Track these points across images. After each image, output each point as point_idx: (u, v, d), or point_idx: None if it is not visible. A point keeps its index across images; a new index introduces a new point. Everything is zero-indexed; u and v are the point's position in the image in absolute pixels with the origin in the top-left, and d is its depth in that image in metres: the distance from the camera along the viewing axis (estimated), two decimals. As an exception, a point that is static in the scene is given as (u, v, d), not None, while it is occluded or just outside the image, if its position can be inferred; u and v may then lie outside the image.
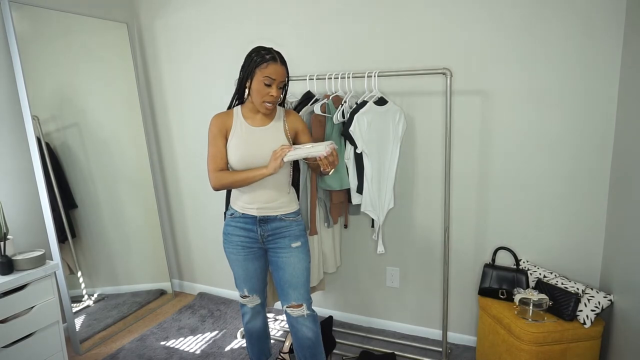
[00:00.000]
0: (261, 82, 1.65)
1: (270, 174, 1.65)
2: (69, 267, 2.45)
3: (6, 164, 2.25)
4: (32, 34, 2.28)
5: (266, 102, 1.68)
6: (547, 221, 2.10)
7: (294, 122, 1.81)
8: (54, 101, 2.39)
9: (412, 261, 2.43)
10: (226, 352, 2.40)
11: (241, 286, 1.92)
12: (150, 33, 2.84)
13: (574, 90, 1.94)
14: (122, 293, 2.76)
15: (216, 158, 1.74)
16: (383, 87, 2.25)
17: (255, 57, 1.66)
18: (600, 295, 1.86)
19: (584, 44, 1.88)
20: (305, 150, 1.62)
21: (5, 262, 1.89)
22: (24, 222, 2.33)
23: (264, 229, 1.80)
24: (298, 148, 1.65)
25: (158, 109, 2.95)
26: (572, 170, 2.01)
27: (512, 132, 2.08)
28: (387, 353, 2.24)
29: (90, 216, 2.57)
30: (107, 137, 2.66)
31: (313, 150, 1.61)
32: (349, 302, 2.66)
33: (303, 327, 1.84)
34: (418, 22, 2.15)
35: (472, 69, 2.09)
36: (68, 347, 2.45)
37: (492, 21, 2.02)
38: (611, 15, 1.82)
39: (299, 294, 1.82)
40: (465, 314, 2.36)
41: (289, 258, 1.80)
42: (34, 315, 1.95)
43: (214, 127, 1.76)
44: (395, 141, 2.08)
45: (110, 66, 2.69)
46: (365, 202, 2.05)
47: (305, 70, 2.42)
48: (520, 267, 2.11)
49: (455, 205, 2.27)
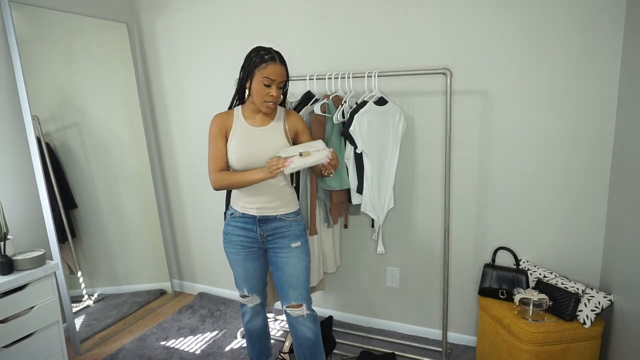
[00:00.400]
0: (261, 83, 1.65)
1: (266, 178, 1.65)
2: (69, 267, 2.45)
3: (6, 164, 2.25)
4: (32, 34, 2.29)
5: (267, 102, 1.68)
6: (547, 221, 2.10)
7: (294, 122, 1.81)
8: (54, 101, 2.39)
9: (412, 261, 2.43)
10: (226, 352, 2.40)
11: (241, 286, 1.92)
12: (150, 33, 2.84)
13: (574, 90, 1.94)
14: (122, 293, 2.76)
15: (216, 158, 1.75)
16: (383, 87, 2.25)
17: (255, 58, 1.66)
18: (600, 295, 1.86)
19: (584, 44, 1.88)
20: (304, 161, 1.60)
21: (5, 262, 1.89)
22: (24, 222, 2.33)
23: (264, 228, 1.80)
24: (294, 156, 1.61)
25: (158, 109, 2.95)
26: (572, 170, 2.01)
27: (512, 132, 2.08)
28: (387, 353, 2.24)
29: (90, 216, 2.57)
30: (107, 137, 2.66)
31: (313, 159, 1.60)
32: (349, 302, 2.66)
33: (303, 327, 1.84)
34: (418, 22, 2.15)
35: (472, 69, 2.09)
36: (68, 347, 2.45)
37: (492, 21, 2.02)
38: (611, 15, 1.82)
39: (299, 294, 1.82)
40: (465, 314, 2.36)
41: (289, 258, 1.80)
42: (34, 315, 1.95)
43: (214, 127, 1.76)
44: (395, 141, 2.08)
45: (110, 66, 2.69)
46: (365, 202, 2.05)
47: (305, 70, 2.42)
48: (520, 267, 2.11)
49: (455, 205, 2.27)
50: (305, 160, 1.60)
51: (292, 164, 1.59)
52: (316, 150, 1.64)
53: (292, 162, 1.59)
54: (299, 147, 1.66)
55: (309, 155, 1.62)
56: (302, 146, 1.67)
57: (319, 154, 1.62)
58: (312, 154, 1.62)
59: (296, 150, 1.64)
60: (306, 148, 1.65)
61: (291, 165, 1.59)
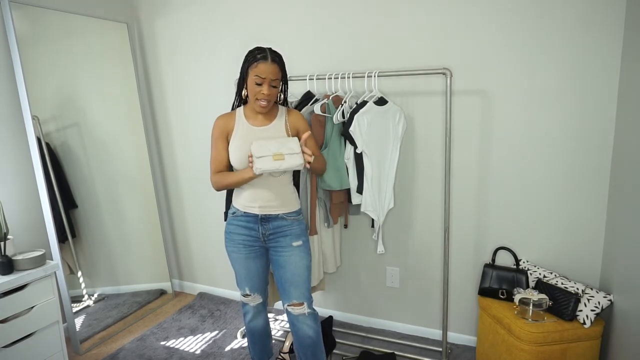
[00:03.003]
0: (253, 82, 1.67)
1: (254, 177, 1.66)
2: (69, 267, 2.45)
3: (6, 164, 2.25)
4: (32, 34, 2.29)
5: (259, 99, 1.69)
6: (547, 221, 2.10)
7: (295, 121, 1.82)
8: (54, 101, 2.39)
9: (412, 261, 2.43)
10: (226, 352, 2.40)
11: (242, 285, 1.93)
12: (150, 33, 2.84)
13: (574, 89, 1.94)
14: (122, 293, 2.76)
15: (216, 161, 1.79)
16: (383, 87, 2.26)
17: (249, 57, 1.69)
18: (600, 295, 1.86)
19: (584, 44, 1.89)
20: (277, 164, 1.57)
21: (5, 262, 1.89)
22: (24, 222, 2.33)
23: (266, 227, 1.80)
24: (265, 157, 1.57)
25: (158, 109, 2.95)
26: (572, 169, 2.01)
27: (512, 132, 2.08)
28: (387, 353, 2.24)
29: (90, 216, 2.57)
30: (107, 137, 2.66)
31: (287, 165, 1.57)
32: (349, 302, 2.66)
33: (304, 326, 1.85)
34: (418, 22, 2.15)
35: (472, 69, 2.09)
36: (68, 347, 2.45)
37: (492, 21, 2.02)
38: (611, 15, 1.82)
39: (300, 293, 1.83)
40: (465, 314, 2.36)
41: (290, 257, 1.81)
42: (34, 315, 1.95)
43: (215, 130, 1.79)
44: (395, 141, 2.09)
45: (110, 66, 2.69)
46: (365, 202, 2.05)
47: (305, 70, 2.42)
48: (520, 267, 2.11)
49: (455, 205, 2.27)
50: (278, 164, 1.58)
51: (262, 166, 1.57)
52: (290, 153, 1.60)
53: (261, 164, 1.57)
54: (272, 145, 1.62)
55: (281, 159, 1.58)
56: (277, 144, 1.62)
57: (293, 160, 1.59)
58: (285, 158, 1.59)
59: (270, 150, 1.60)
60: (280, 147, 1.61)
61: (262, 168, 1.57)
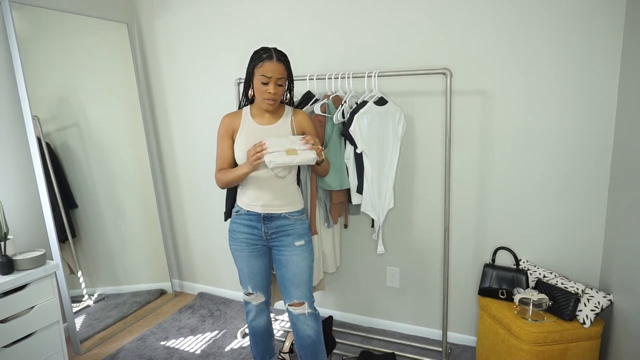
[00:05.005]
0: (259, 81, 1.69)
1: (250, 171, 1.68)
2: (69, 267, 2.45)
3: (6, 164, 2.25)
4: (32, 34, 2.28)
5: (265, 99, 1.70)
6: (547, 221, 2.10)
7: (301, 121, 1.83)
8: (54, 101, 2.39)
9: (412, 261, 2.43)
10: (226, 352, 2.40)
11: (245, 283, 1.93)
12: (150, 33, 2.84)
13: (573, 90, 1.94)
14: (122, 293, 2.76)
15: (221, 159, 1.81)
16: (383, 87, 2.26)
17: (254, 57, 1.71)
18: (600, 295, 1.86)
19: (584, 44, 1.89)
20: (290, 158, 1.58)
21: (5, 262, 1.89)
22: (24, 222, 2.33)
23: (268, 226, 1.81)
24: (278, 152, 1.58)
25: (158, 109, 2.95)
26: (572, 169, 2.01)
27: (512, 132, 2.08)
28: (387, 353, 2.24)
29: (90, 216, 2.57)
30: (107, 137, 2.66)
31: (300, 159, 1.58)
32: (349, 302, 2.66)
33: (304, 325, 1.85)
34: (418, 22, 2.15)
35: (472, 69, 2.09)
36: (68, 347, 2.45)
37: (492, 21, 2.02)
38: (610, 15, 1.82)
39: (301, 292, 1.83)
40: (465, 314, 2.37)
41: (292, 256, 1.81)
42: (34, 315, 1.95)
43: (222, 128, 1.81)
44: (395, 141, 2.09)
45: (110, 66, 2.69)
46: (365, 202, 2.05)
47: (305, 70, 2.42)
48: (520, 267, 2.11)
49: (455, 205, 2.27)
50: (291, 158, 1.59)
51: (276, 159, 1.57)
52: (303, 149, 1.62)
53: (275, 156, 1.57)
54: (285, 141, 1.63)
55: (295, 154, 1.59)
56: (289, 140, 1.64)
57: (306, 154, 1.60)
58: (299, 153, 1.60)
59: (283, 146, 1.61)
60: (292, 144, 1.63)
61: (275, 161, 1.58)
